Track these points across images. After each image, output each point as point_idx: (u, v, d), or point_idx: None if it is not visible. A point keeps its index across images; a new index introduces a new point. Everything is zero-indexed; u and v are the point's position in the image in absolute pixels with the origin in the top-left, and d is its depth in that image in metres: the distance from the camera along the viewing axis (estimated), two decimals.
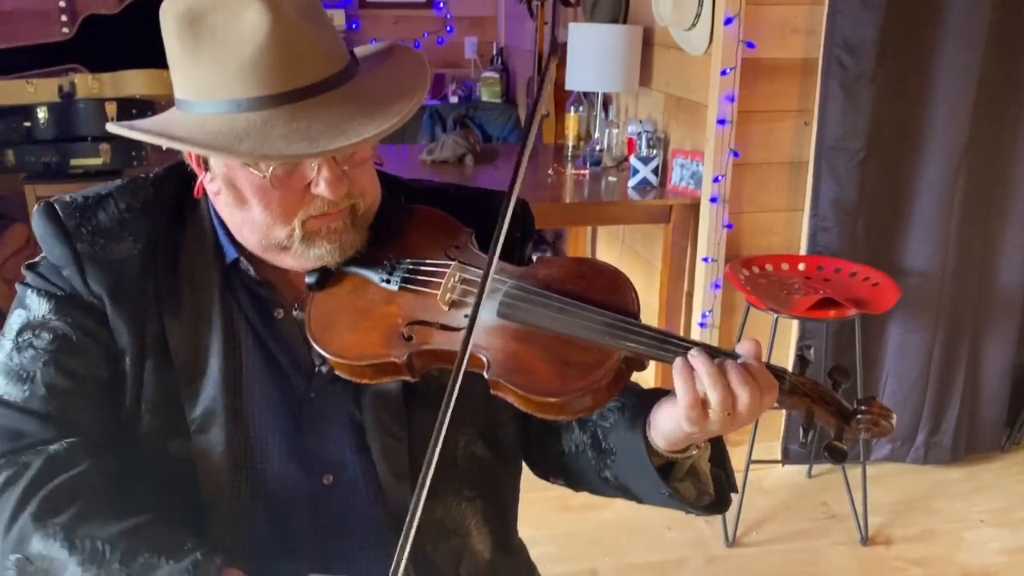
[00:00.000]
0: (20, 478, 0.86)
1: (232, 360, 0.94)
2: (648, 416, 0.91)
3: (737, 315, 2.72)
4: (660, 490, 0.92)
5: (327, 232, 0.90)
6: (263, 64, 0.80)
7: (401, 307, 0.92)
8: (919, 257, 2.71)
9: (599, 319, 0.86)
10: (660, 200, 2.78)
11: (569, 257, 1.01)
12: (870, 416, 0.86)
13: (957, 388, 2.88)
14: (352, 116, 0.82)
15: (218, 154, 0.80)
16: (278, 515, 0.95)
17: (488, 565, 1.03)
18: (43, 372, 0.90)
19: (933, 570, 2.46)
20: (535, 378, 0.86)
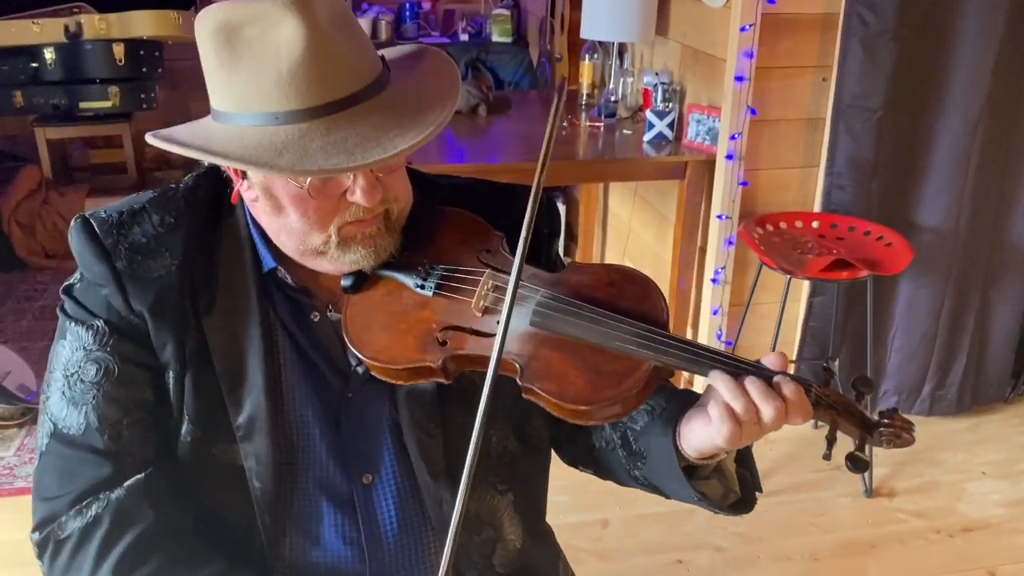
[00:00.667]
0: (95, 532, 0.92)
1: (272, 366, 0.97)
2: (678, 424, 0.94)
3: (750, 272, 2.74)
4: (689, 494, 0.96)
5: (362, 237, 0.92)
6: (300, 77, 0.81)
7: (435, 312, 0.95)
8: (933, 215, 2.72)
9: (630, 330, 0.89)
10: (675, 156, 2.77)
11: (600, 264, 1.04)
12: (892, 429, 0.89)
13: (965, 343, 2.92)
14: (387, 127, 0.84)
15: (260, 169, 0.82)
16: (320, 517, 1.00)
17: (519, 553, 1.08)
18: (94, 405, 0.94)
19: (934, 522, 2.54)
20: (566, 386, 0.89)
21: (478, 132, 3.09)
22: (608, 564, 2.36)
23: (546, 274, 0.97)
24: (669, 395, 1.00)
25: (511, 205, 1.09)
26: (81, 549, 0.92)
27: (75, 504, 0.93)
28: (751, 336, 2.86)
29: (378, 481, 1.00)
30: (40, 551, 0.95)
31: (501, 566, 1.05)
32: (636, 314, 0.92)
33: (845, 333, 2.87)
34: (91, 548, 0.91)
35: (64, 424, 0.94)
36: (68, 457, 0.94)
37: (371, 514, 1.00)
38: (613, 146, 2.94)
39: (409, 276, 0.96)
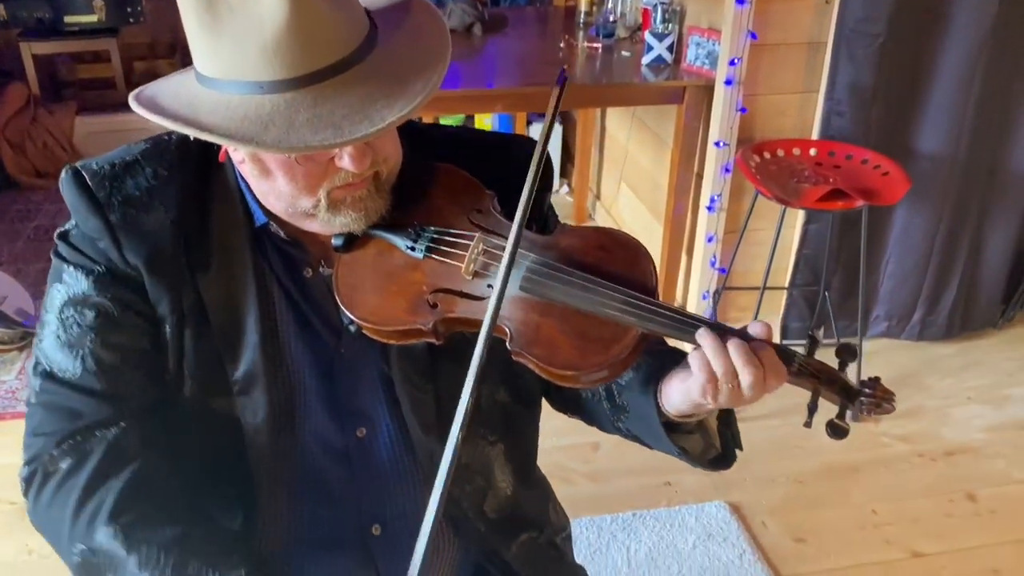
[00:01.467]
0: (83, 467, 0.92)
1: (268, 321, 0.98)
2: (660, 382, 0.96)
3: (746, 199, 2.73)
4: (669, 448, 0.99)
5: (352, 200, 0.91)
6: (284, 46, 0.79)
7: (426, 274, 0.95)
8: (931, 143, 2.70)
9: (618, 297, 0.90)
10: (673, 81, 2.72)
11: (591, 228, 1.03)
12: (873, 398, 0.91)
13: (958, 269, 2.94)
14: (374, 97, 0.82)
15: (246, 146, 0.81)
16: (318, 468, 1.02)
17: (509, 499, 1.11)
18: (90, 349, 0.94)
19: (917, 446, 2.61)
20: (555, 351, 0.90)
21: (473, 53, 3.03)
22: (598, 485, 2.43)
23: (537, 237, 0.97)
24: (655, 352, 1.01)
25: (505, 157, 1.08)
26: (67, 483, 0.92)
27: (68, 439, 0.94)
28: (745, 262, 2.87)
29: (372, 435, 1.03)
30: (26, 485, 0.96)
31: (492, 511, 1.09)
32: (625, 279, 0.92)
33: (839, 260, 2.88)
34: (79, 483, 0.92)
35: (59, 368, 0.95)
36: (64, 397, 0.95)
37: (366, 466, 1.03)
38: (611, 69, 2.89)
39: (400, 237, 0.96)
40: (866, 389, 0.92)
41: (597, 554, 2.18)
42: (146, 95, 0.86)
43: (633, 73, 2.80)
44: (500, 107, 3.01)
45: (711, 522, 2.29)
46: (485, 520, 1.08)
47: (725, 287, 2.88)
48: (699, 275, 2.91)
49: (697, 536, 2.25)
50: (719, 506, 2.34)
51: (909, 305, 2.99)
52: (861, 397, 0.92)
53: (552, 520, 1.20)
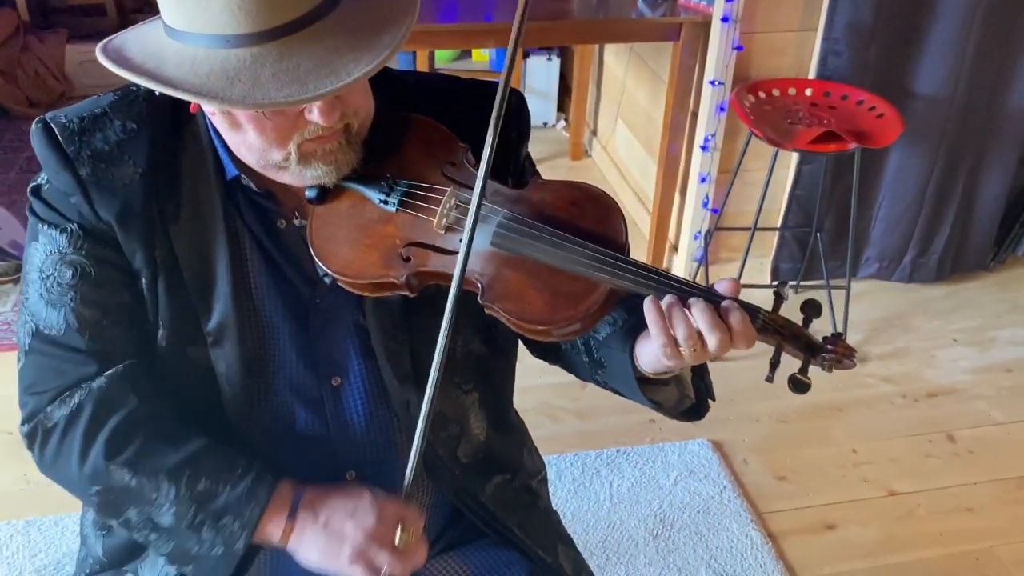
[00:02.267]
0: (78, 419, 0.96)
1: (239, 273, 0.99)
2: (635, 340, 0.98)
3: (740, 139, 2.71)
4: (644, 401, 1.01)
5: (323, 153, 0.92)
6: (248, 1, 0.78)
7: (399, 227, 0.96)
8: (929, 84, 2.67)
9: (588, 254, 0.91)
10: (670, 17, 2.67)
11: (564, 182, 1.03)
12: (835, 354, 0.93)
13: (950, 212, 2.94)
14: (341, 51, 0.82)
15: (211, 102, 0.80)
16: (292, 417, 1.05)
17: (484, 444, 1.14)
18: (71, 307, 0.96)
19: (900, 387, 2.65)
20: (525, 306, 0.92)
21: None
22: (585, 422, 2.48)
23: (509, 191, 0.97)
24: (631, 308, 1.02)
25: (480, 104, 1.07)
26: (68, 435, 0.97)
27: (59, 395, 0.98)
28: (737, 203, 2.87)
29: (346, 383, 1.05)
30: (30, 442, 1.00)
31: (465, 456, 1.12)
32: (596, 235, 0.93)
33: (832, 201, 2.88)
34: (77, 432, 0.96)
35: (45, 324, 0.97)
36: (51, 355, 0.98)
37: (340, 415, 1.05)
38: (607, 4, 2.84)
39: (373, 190, 0.96)
40: (828, 345, 0.93)
41: (581, 488, 2.24)
42: (113, 46, 0.86)
43: (629, 8, 2.75)
44: (493, 42, 2.96)
45: (693, 459, 2.34)
46: (459, 464, 1.12)
47: (717, 227, 2.89)
48: (691, 215, 2.91)
49: (679, 473, 2.30)
50: (702, 443, 2.39)
51: (900, 247, 2.99)
52: (823, 353, 0.93)
53: (526, 464, 1.24)
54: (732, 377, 2.37)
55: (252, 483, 0.95)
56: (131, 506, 0.96)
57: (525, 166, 1.12)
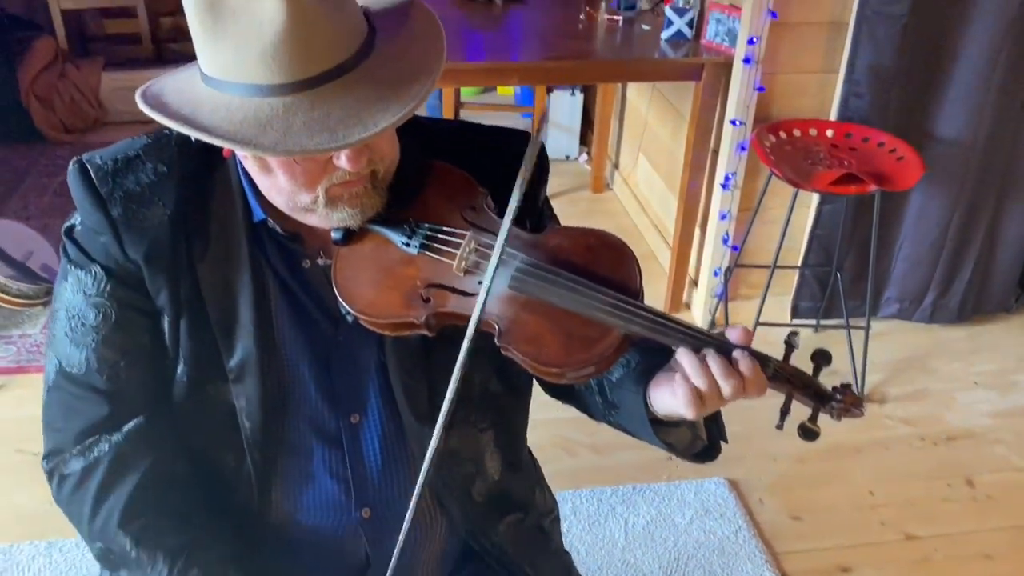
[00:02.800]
0: (93, 474, 1.01)
1: (262, 312, 1.02)
2: (649, 384, 1.00)
3: (760, 178, 2.74)
4: (656, 443, 1.03)
5: (349, 197, 0.95)
6: (283, 52, 0.82)
7: (420, 269, 0.99)
8: (951, 127, 2.68)
9: (602, 299, 0.93)
10: (692, 58, 2.71)
11: (580, 229, 1.06)
12: (843, 404, 0.95)
13: (972, 253, 2.93)
14: (370, 101, 0.85)
15: (244, 148, 0.84)
16: (309, 453, 1.07)
17: (496, 484, 1.16)
18: (95, 348, 1.00)
19: (920, 429, 2.64)
20: (541, 348, 0.95)
21: (494, 23, 3.03)
22: (601, 457, 2.48)
23: (527, 236, 1.00)
24: (644, 350, 1.04)
25: (501, 151, 1.11)
26: (81, 487, 1.02)
27: (78, 442, 1.03)
28: (757, 240, 2.88)
29: (365, 421, 1.07)
30: (49, 477, 1.06)
31: (479, 495, 1.14)
32: (611, 281, 0.96)
33: (852, 241, 2.88)
34: (92, 487, 1.02)
35: (68, 362, 1.01)
36: (72, 393, 1.02)
37: (358, 452, 1.08)
38: (630, 43, 2.88)
39: (396, 233, 0.99)
40: (837, 395, 0.95)
41: (595, 525, 2.25)
42: (152, 91, 0.90)
43: (652, 48, 2.79)
44: (516, 79, 3.01)
45: (709, 498, 2.34)
46: (472, 503, 1.14)
47: (737, 264, 2.90)
48: (711, 251, 2.93)
49: (695, 511, 2.30)
50: (718, 482, 2.39)
51: (921, 288, 2.99)
52: (832, 402, 0.95)
53: (538, 503, 1.25)
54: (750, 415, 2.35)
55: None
56: (126, 569, 1.03)
57: (543, 209, 1.15)
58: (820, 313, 2.99)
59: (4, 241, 2.96)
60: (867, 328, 2.69)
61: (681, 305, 3.13)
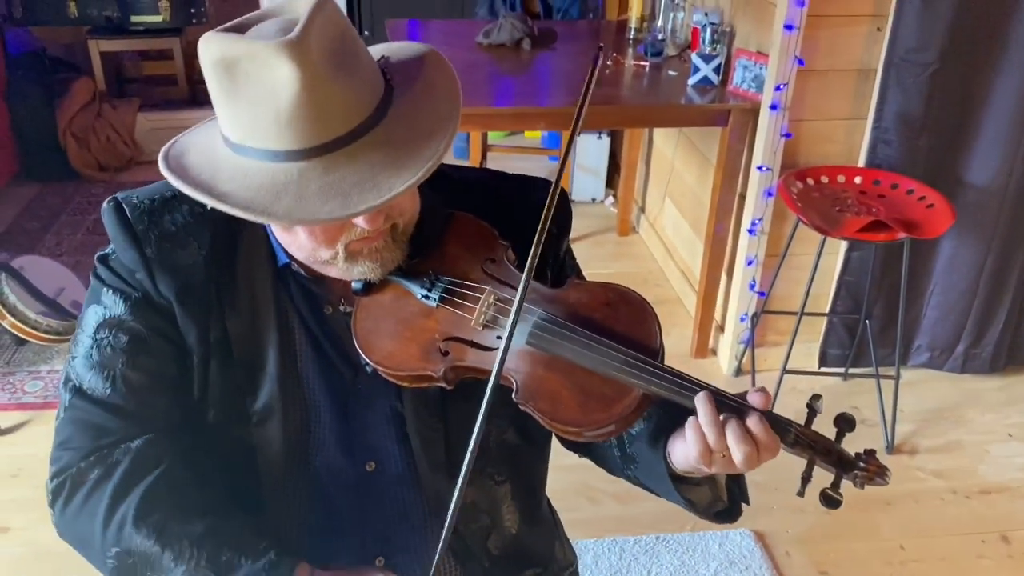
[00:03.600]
0: (113, 474, 0.97)
1: (287, 356, 1.02)
2: (668, 438, 0.98)
3: (787, 224, 2.72)
4: (677, 499, 1.01)
5: (369, 252, 0.95)
6: (297, 119, 0.82)
7: (439, 322, 0.99)
8: (981, 174, 2.65)
9: (621, 358, 0.92)
10: (719, 104, 2.71)
11: (600, 284, 1.05)
12: (867, 472, 0.92)
13: (1005, 302, 2.88)
14: (384, 165, 0.85)
15: (258, 217, 0.84)
16: (327, 499, 1.06)
17: (514, 538, 1.14)
18: (122, 371, 0.99)
19: (952, 482, 2.57)
20: (558, 406, 0.93)
21: (522, 68, 3.06)
22: (624, 506, 2.44)
23: (546, 291, 1.00)
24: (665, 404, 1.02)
25: (523, 201, 1.11)
26: (97, 490, 0.97)
27: (93, 454, 0.99)
28: (785, 286, 2.86)
29: (381, 469, 1.06)
30: (54, 497, 1.00)
31: (496, 549, 1.12)
32: (630, 338, 0.95)
33: (881, 288, 2.84)
34: (108, 488, 0.96)
35: (89, 386, 1.00)
36: (92, 414, 1.00)
37: (373, 500, 1.07)
38: (657, 89, 2.89)
39: (415, 285, 0.99)
40: (860, 462, 0.93)
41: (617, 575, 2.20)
42: (176, 151, 0.91)
43: (679, 94, 2.80)
44: (543, 124, 3.03)
45: (734, 549, 2.29)
46: (489, 556, 1.12)
47: (764, 310, 2.87)
48: (738, 297, 2.90)
49: (719, 563, 2.25)
50: (744, 533, 2.34)
51: (953, 337, 2.93)
52: (855, 470, 0.93)
53: (558, 557, 1.23)
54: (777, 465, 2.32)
55: (274, 558, 0.95)
56: (148, 572, 0.95)
57: (565, 260, 1.14)
58: (849, 361, 2.94)
59: (36, 277, 3.00)
60: (897, 377, 2.65)
61: (707, 351, 3.10)
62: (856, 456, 0.93)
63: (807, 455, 0.93)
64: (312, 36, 0.81)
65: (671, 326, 3.22)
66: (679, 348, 3.12)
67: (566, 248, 1.15)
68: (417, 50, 0.98)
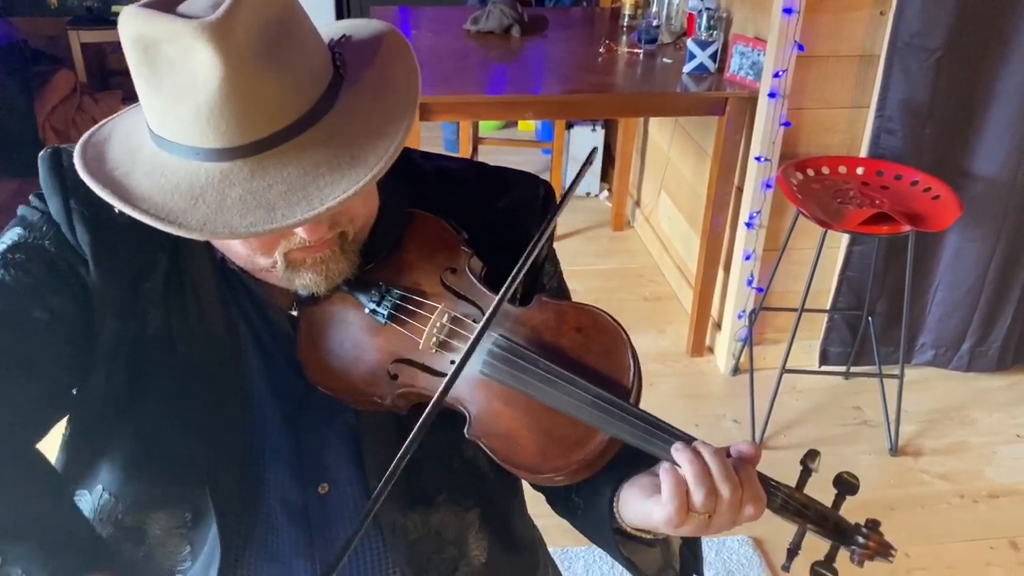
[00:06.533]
0: None
1: (233, 362, 0.92)
2: (619, 488, 0.87)
3: (787, 217, 2.61)
4: (618, 559, 0.90)
5: (312, 262, 0.83)
6: (218, 116, 0.71)
7: (388, 341, 0.87)
8: (989, 164, 2.54)
9: (586, 397, 0.80)
10: (715, 92, 2.60)
11: (572, 304, 0.90)
12: (868, 548, 0.80)
13: (1012, 299, 2.78)
14: (319, 171, 0.72)
15: (168, 227, 0.72)
16: (275, 523, 0.95)
17: (483, 569, 1.02)
18: (22, 299, 0.85)
19: (959, 485, 2.47)
20: (513, 446, 0.82)
21: (510, 56, 2.95)
22: None
23: (510, 307, 0.87)
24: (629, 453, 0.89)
25: (503, 194, 0.99)
26: None
27: None
28: (784, 282, 2.75)
29: (335, 492, 0.95)
30: None
31: None
32: (599, 371, 0.82)
33: (884, 284, 2.74)
34: None
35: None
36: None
37: (326, 529, 0.95)
38: (652, 77, 2.78)
39: (365, 296, 0.88)
40: (860, 535, 0.81)
41: None
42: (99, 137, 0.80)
43: (673, 82, 2.69)
44: (531, 114, 2.93)
45: (732, 557, 2.19)
46: None
47: (762, 307, 2.76)
48: (735, 293, 2.80)
49: (716, 572, 2.15)
50: (742, 541, 2.23)
51: (958, 335, 2.83)
52: (854, 544, 0.81)
53: None
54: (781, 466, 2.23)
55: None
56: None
57: (543, 267, 1.01)
58: (851, 360, 2.84)
59: None
60: (901, 376, 2.54)
61: (704, 349, 2.99)
62: (856, 527, 0.81)
63: (798, 522, 0.81)
64: (240, 17, 0.69)
65: (666, 323, 3.12)
66: (675, 346, 3.02)
67: (546, 255, 1.02)
68: (376, 30, 0.85)
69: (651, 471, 0.83)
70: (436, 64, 2.68)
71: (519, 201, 0.98)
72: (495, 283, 0.86)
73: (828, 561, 0.80)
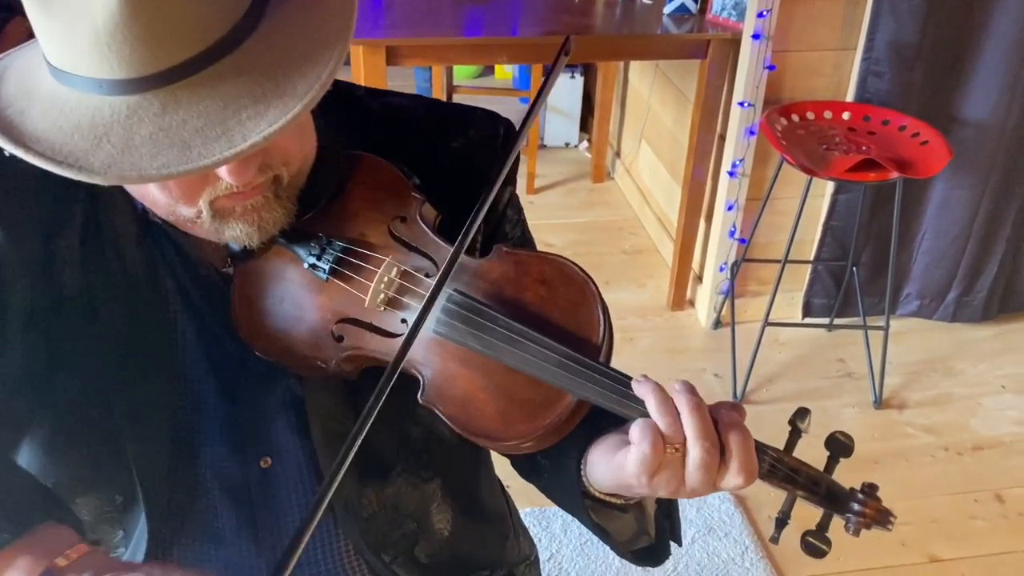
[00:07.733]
0: None
1: (161, 327, 0.82)
2: (586, 451, 0.79)
3: (770, 165, 2.53)
4: (590, 527, 0.82)
5: (242, 211, 0.74)
6: (120, 40, 0.60)
7: (331, 299, 0.79)
8: (978, 109, 2.46)
9: (552, 357, 0.72)
10: (697, 34, 2.50)
11: (535, 254, 0.80)
12: (864, 516, 0.72)
13: (999, 247, 2.72)
14: (241, 102, 0.63)
15: (67, 172, 0.62)
16: (213, 505, 0.87)
17: (447, 542, 0.95)
18: None
19: (943, 438, 2.43)
20: (472, 412, 0.74)
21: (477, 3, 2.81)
22: None
23: (467, 259, 0.78)
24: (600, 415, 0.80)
25: (458, 133, 0.89)
26: None
27: None
28: (767, 233, 2.67)
29: (278, 465, 0.87)
30: None
31: (426, 556, 0.93)
32: (565, 326, 0.74)
33: (870, 233, 2.67)
34: None
35: None
36: None
37: (269, 506, 0.87)
38: (631, 18, 2.66)
39: (303, 248, 0.79)
40: (856, 501, 0.73)
41: (587, 546, 2.05)
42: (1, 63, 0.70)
43: (654, 23, 2.58)
44: (506, 57, 2.80)
45: (713, 515, 2.15)
46: (417, 565, 0.93)
47: (745, 258, 2.69)
48: (717, 244, 2.72)
49: (697, 530, 2.11)
50: (723, 498, 2.19)
51: (944, 284, 2.78)
52: (849, 512, 0.73)
53: (509, 553, 1.04)
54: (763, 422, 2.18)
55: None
56: None
57: (507, 214, 0.92)
58: (834, 311, 2.78)
59: None
60: (886, 327, 2.49)
61: (685, 302, 2.92)
62: (851, 492, 0.73)
63: (787, 489, 0.73)
64: None
65: (647, 277, 3.04)
66: (655, 300, 2.95)
67: (508, 198, 0.92)
68: None
69: (620, 429, 0.76)
70: (406, 4, 2.56)
71: (476, 141, 0.88)
72: (450, 233, 0.77)
73: (821, 530, 0.73)
